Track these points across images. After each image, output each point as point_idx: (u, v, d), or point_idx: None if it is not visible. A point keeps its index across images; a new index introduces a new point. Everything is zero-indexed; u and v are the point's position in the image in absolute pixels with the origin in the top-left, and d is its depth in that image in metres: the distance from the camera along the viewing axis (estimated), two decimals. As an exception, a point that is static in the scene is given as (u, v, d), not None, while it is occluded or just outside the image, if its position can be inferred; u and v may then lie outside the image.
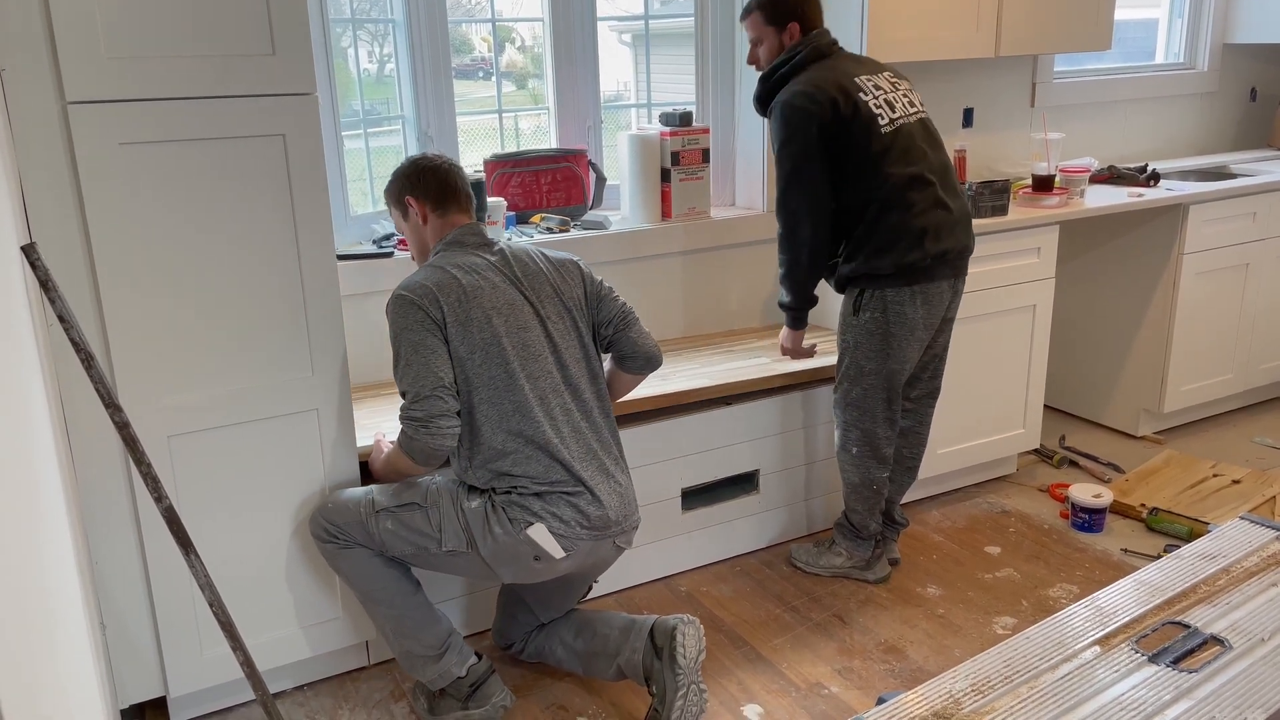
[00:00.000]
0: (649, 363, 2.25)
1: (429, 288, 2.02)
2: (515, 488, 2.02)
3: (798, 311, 2.63)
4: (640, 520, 2.19)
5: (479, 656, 2.17)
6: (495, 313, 2.04)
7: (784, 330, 2.70)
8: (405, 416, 2.00)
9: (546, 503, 2.01)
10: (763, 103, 2.57)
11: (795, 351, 2.72)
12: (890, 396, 2.60)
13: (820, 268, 2.55)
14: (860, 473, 2.67)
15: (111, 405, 1.56)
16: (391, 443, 2.16)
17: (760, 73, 2.58)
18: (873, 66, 2.57)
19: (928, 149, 2.52)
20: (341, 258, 2.64)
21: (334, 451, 2.19)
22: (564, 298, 2.15)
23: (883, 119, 2.46)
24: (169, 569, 2.08)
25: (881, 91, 2.50)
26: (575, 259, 2.22)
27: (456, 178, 2.17)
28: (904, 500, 3.09)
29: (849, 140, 2.44)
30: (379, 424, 2.42)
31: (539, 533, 1.99)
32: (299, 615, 2.25)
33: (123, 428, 1.57)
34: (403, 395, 2.01)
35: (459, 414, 2.02)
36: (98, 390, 1.55)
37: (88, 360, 1.54)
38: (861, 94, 2.46)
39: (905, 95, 2.55)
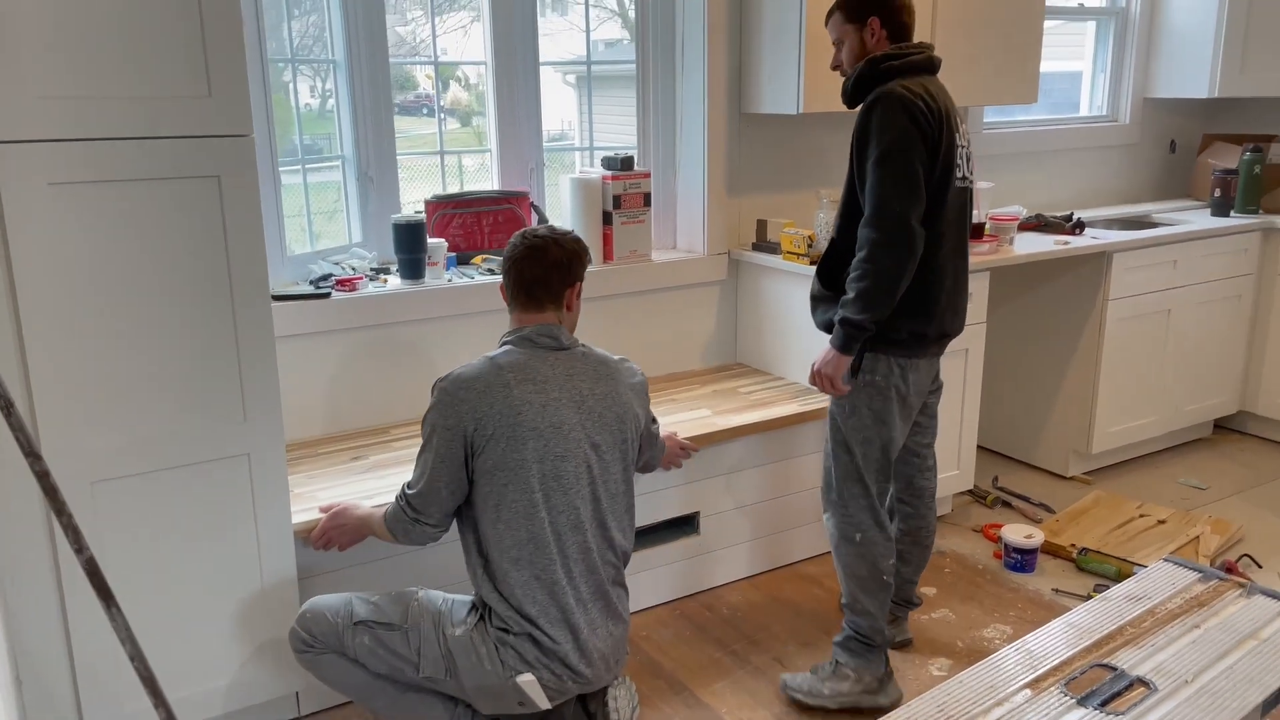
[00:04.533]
0: None
1: (475, 394, 1.93)
2: (510, 628, 1.94)
3: (867, 333, 2.25)
4: (626, 659, 2.13)
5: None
6: (535, 435, 1.93)
7: (830, 353, 2.30)
8: (404, 497, 2.01)
9: (543, 653, 1.93)
10: (860, 88, 2.28)
11: (836, 380, 2.31)
12: (885, 466, 2.38)
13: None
14: (868, 563, 2.36)
15: (31, 454, 1.51)
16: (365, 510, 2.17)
17: (843, 77, 2.36)
18: (959, 111, 2.36)
19: (968, 222, 2.39)
20: (277, 298, 2.61)
21: (266, 499, 2.15)
22: (625, 427, 2.05)
23: (959, 171, 2.29)
24: (90, 622, 2.01)
25: (965, 145, 2.32)
26: (644, 380, 2.15)
27: (544, 269, 2.03)
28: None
29: (930, 176, 2.22)
30: (316, 493, 2.38)
31: (530, 685, 1.93)
32: (226, 667, 2.19)
33: (42, 477, 1.52)
34: (411, 480, 2.01)
35: (446, 527, 2.03)
36: (17, 438, 1.50)
37: (6, 408, 1.49)
38: (957, 135, 2.28)
39: (970, 155, 2.36)
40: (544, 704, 1.95)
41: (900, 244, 2.17)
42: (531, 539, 1.94)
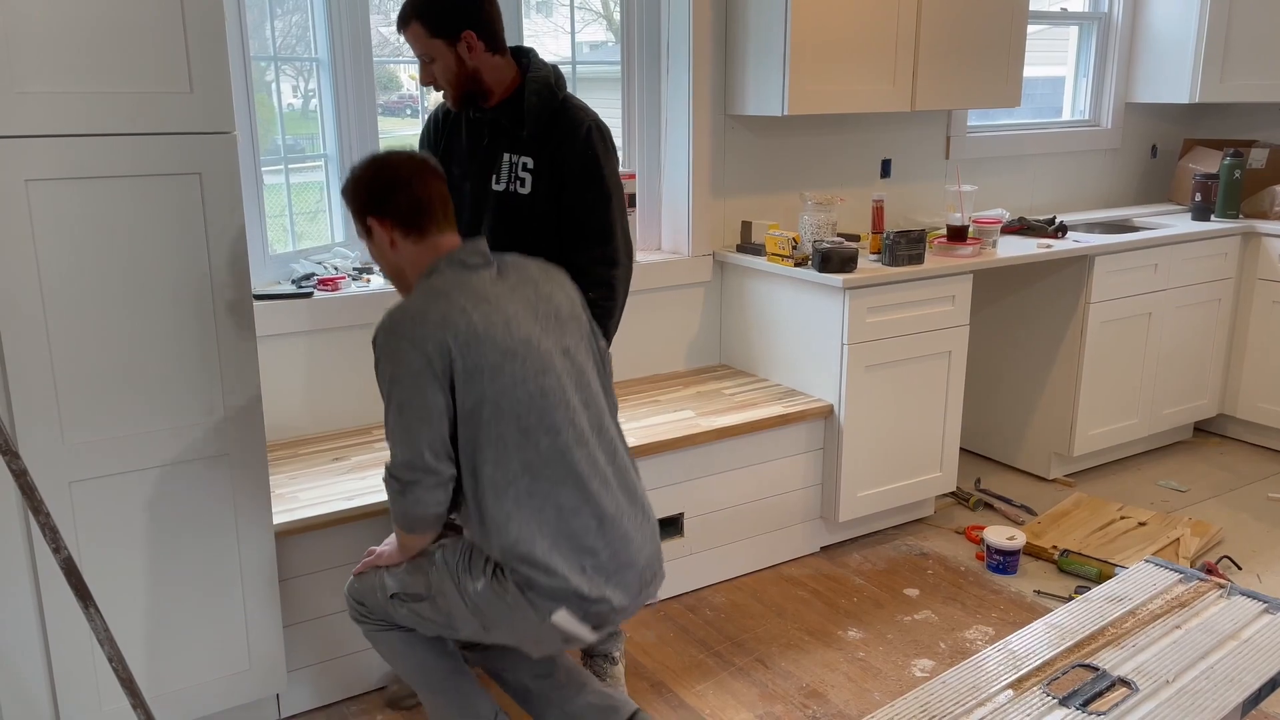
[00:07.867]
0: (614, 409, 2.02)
1: (433, 327, 1.70)
2: (532, 580, 1.77)
3: None
4: (664, 573, 1.98)
5: None
6: (510, 357, 1.73)
7: None
8: (387, 476, 1.79)
9: (567, 588, 1.78)
10: (553, 118, 2.20)
11: None
12: None
13: None
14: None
15: (8, 452, 1.49)
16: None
17: (438, 91, 2.20)
18: None
19: None
20: (259, 297, 2.59)
21: (247, 499, 2.13)
22: (583, 319, 1.92)
23: None
24: (68, 622, 1.99)
25: None
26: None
27: (428, 186, 1.81)
28: (834, 542, 3.11)
29: None
30: (298, 493, 2.37)
31: (565, 621, 1.79)
32: (206, 668, 2.17)
33: (20, 475, 1.50)
34: (390, 460, 1.79)
35: (451, 479, 1.76)
36: (-6, 436, 1.49)
37: (-16, 405, 1.48)
38: None
39: None
40: (588, 636, 1.83)
41: (630, 268, 2.34)
42: (526, 470, 1.75)
